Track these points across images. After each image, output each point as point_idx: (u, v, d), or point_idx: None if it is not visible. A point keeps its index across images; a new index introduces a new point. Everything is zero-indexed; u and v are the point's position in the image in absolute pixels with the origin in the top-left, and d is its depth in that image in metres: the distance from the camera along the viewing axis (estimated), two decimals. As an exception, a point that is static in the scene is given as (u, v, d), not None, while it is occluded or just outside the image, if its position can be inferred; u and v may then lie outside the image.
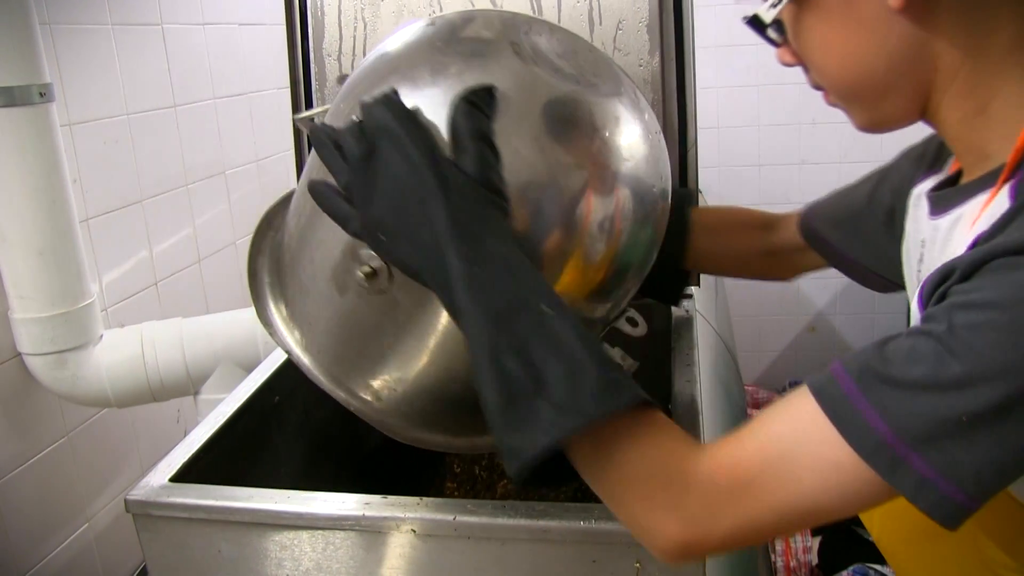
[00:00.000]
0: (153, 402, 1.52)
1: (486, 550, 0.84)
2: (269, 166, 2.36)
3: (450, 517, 0.83)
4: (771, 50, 0.84)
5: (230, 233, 2.17)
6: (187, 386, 1.50)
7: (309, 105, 1.35)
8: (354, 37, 1.31)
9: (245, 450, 1.11)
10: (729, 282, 3.21)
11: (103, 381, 1.46)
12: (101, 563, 1.65)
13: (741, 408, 1.84)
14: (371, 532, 0.86)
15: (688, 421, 0.98)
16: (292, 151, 1.38)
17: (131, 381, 1.47)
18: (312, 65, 1.34)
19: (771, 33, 0.80)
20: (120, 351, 1.47)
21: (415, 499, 0.87)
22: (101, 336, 1.48)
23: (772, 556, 2.89)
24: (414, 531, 0.85)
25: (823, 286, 3.75)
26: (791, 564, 2.87)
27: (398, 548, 0.86)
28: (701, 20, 3.37)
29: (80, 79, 1.59)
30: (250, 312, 1.58)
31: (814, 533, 2.92)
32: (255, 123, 2.31)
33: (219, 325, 1.52)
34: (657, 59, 1.22)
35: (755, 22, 0.78)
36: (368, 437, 1.47)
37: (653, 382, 1.31)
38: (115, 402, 1.49)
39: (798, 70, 0.84)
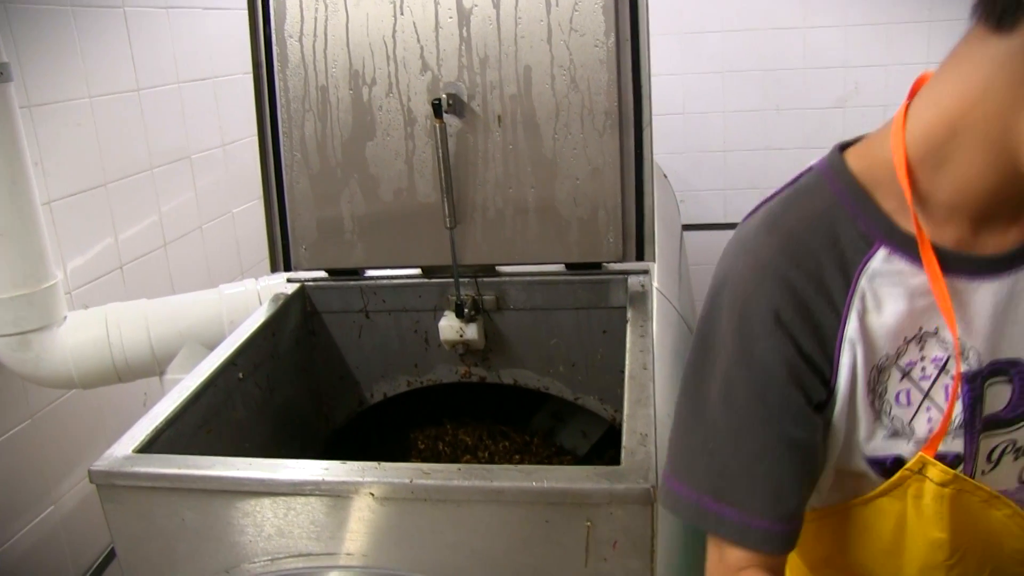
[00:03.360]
0: (119, 383, 1.53)
1: (443, 511, 0.86)
2: (235, 151, 2.36)
3: (407, 480, 0.85)
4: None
5: (196, 218, 2.17)
6: (153, 366, 1.51)
7: (272, 86, 1.36)
8: (315, 19, 1.32)
9: (209, 425, 1.13)
10: (693, 263, 3.25)
11: (67, 362, 1.46)
12: (68, 545, 1.65)
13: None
14: (331, 496, 0.88)
15: (638, 388, 1.00)
16: (256, 136, 1.39)
17: (96, 362, 1.47)
18: (274, 47, 1.35)
19: None
20: (84, 332, 1.48)
21: (373, 464, 0.89)
22: (65, 317, 1.48)
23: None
24: (373, 495, 0.87)
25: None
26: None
27: (358, 512, 0.88)
28: (669, 6, 3.39)
29: (40, 61, 1.58)
30: (215, 292, 1.59)
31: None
32: (221, 108, 2.31)
33: (184, 305, 1.52)
34: (613, 40, 1.24)
35: None
36: (333, 416, 1.49)
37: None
38: (80, 383, 1.49)
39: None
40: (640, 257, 1.31)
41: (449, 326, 1.36)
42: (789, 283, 0.71)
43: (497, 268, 1.38)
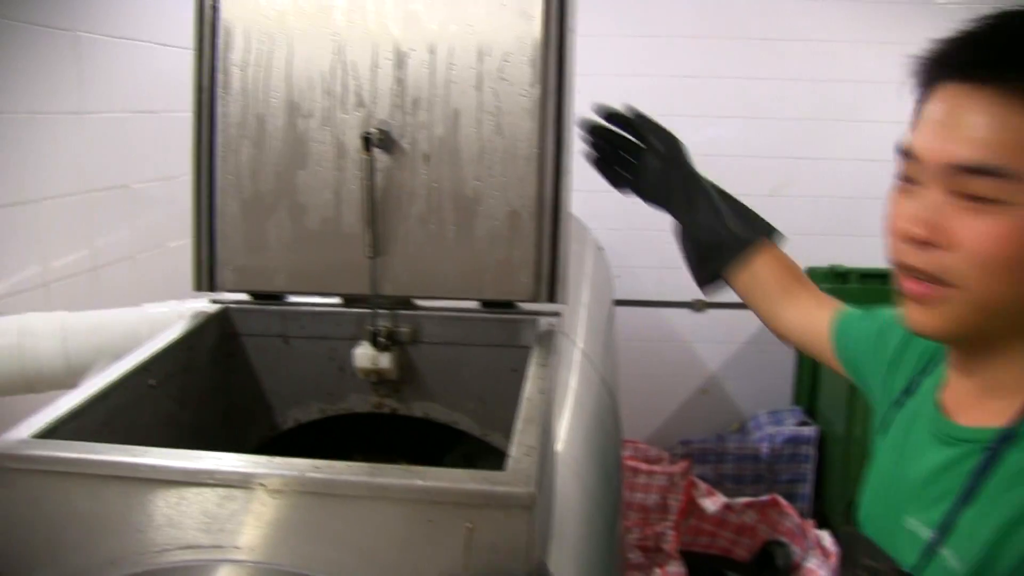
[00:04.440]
0: (30, 393, 1.53)
1: (330, 506, 0.89)
2: (177, 187, 2.40)
3: (296, 473, 0.88)
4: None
5: (129, 246, 2.20)
6: (66, 378, 1.52)
7: (212, 110, 1.41)
8: (260, 51, 1.38)
9: (113, 425, 1.14)
10: (624, 337, 3.31)
11: (-24, 369, 1.46)
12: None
13: (613, 445, 1.91)
14: (223, 487, 0.90)
15: (532, 407, 1.04)
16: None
17: (3, 369, 1.48)
18: (218, 73, 1.40)
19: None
20: (-2, 339, 1.49)
21: (265, 458, 0.91)
22: (-19, 324, 1.49)
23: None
24: (263, 486, 0.89)
25: (716, 351, 3.89)
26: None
27: (248, 504, 0.90)
28: (604, 86, 3.53)
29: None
30: (138, 311, 1.61)
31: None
32: (167, 142, 2.35)
33: (105, 320, 1.54)
34: (539, 91, 1.32)
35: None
36: (244, 439, 1.51)
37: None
38: (-11, 390, 1.50)
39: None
40: (552, 299, 1.36)
41: (364, 354, 1.40)
42: None
43: (415, 302, 1.43)
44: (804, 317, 1.30)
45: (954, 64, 0.82)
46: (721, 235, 1.32)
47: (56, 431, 1.02)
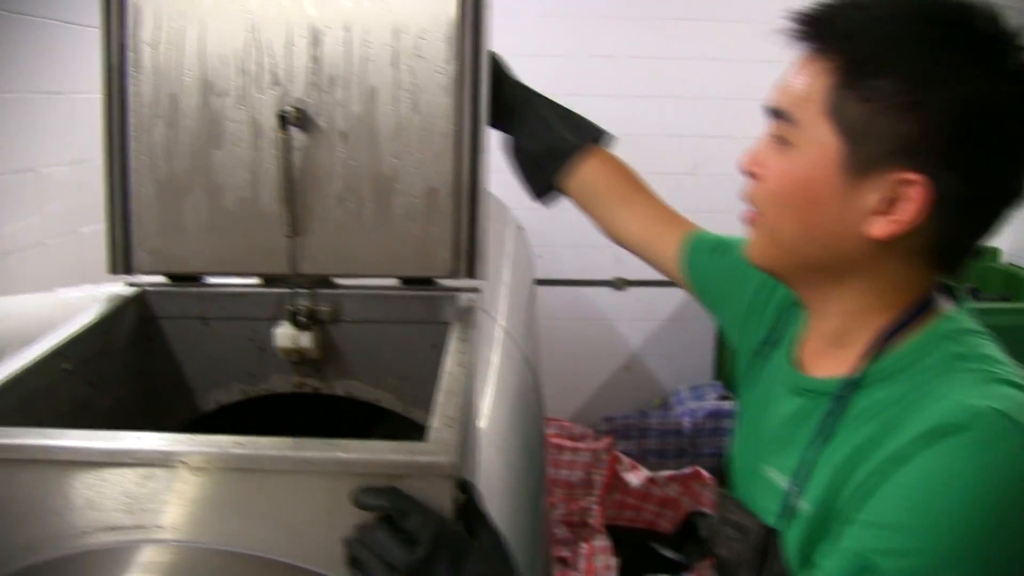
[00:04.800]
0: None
1: (251, 481, 0.89)
2: (88, 171, 2.35)
3: (217, 450, 0.89)
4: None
5: (39, 231, 2.15)
6: (-23, 366, 1.48)
7: (123, 90, 1.39)
8: (171, 28, 1.36)
9: (28, 411, 1.12)
10: (547, 317, 3.34)
11: None
12: None
13: (536, 421, 1.93)
14: (144, 466, 0.90)
15: (452, 380, 1.06)
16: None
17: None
18: (128, 51, 1.38)
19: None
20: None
21: (187, 435, 0.91)
22: None
23: (575, 574, 2.99)
24: (184, 463, 0.89)
25: (637, 329, 3.95)
26: (593, 584, 2.98)
27: (170, 482, 0.90)
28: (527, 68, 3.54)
29: None
30: (51, 296, 1.58)
31: (616, 553, 3.05)
32: (75, 125, 2.30)
33: (16, 305, 1.52)
34: (455, 67, 1.32)
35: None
36: (165, 423, 1.49)
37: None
38: None
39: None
40: (471, 275, 1.38)
41: (284, 334, 1.40)
42: None
43: (334, 281, 1.43)
44: (644, 231, 1.34)
45: (799, 25, 0.91)
46: (550, 143, 1.35)
47: (-36, 417, 1.00)
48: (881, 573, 0.80)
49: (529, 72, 1.39)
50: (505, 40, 1.35)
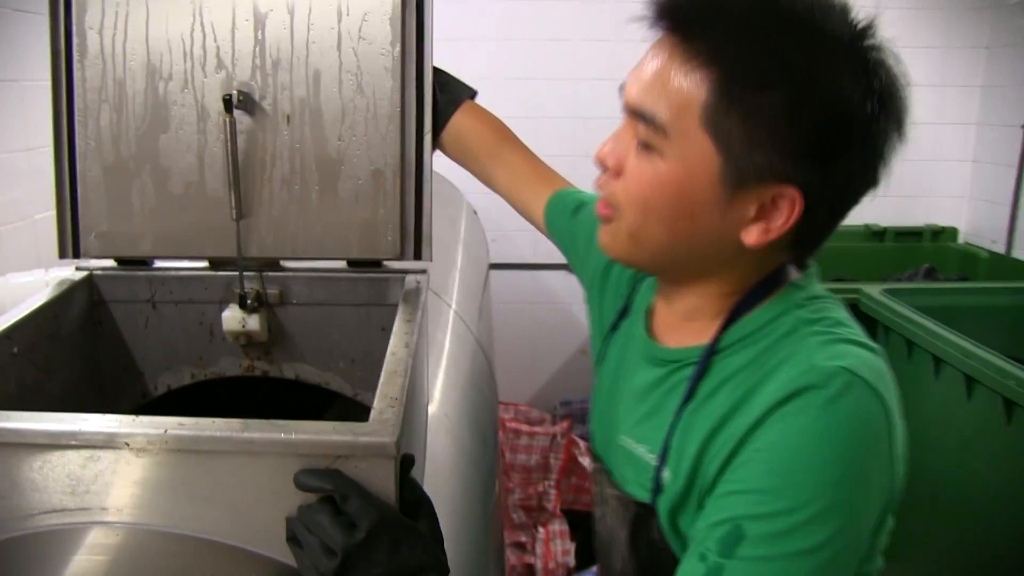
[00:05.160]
0: None
1: (196, 463, 0.90)
2: (40, 158, 2.33)
3: (161, 431, 0.90)
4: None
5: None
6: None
7: (70, 76, 1.38)
8: (116, 13, 1.36)
9: (-27, 395, 1.13)
10: (502, 301, 3.36)
11: None
12: None
13: (489, 405, 1.95)
14: (87, 448, 0.91)
15: (396, 361, 1.07)
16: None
17: None
18: (74, 37, 1.37)
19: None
20: None
21: (130, 417, 0.92)
22: None
23: (532, 559, 3.02)
24: (128, 445, 0.90)
25: (593, 310, 3.96)
26: (550, 566, 3.01)
27: (113, 464, 0.91)
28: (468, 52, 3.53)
29: None
30: (1, 281, 1.57)
31: (572, 538, 3.08)
32: (27, 112, 2.28)
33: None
34: (399, 49, 1.33)
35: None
36: (115, 407, 1.50)
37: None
38: None
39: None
40: (418, 256, 1.39)
41: (232, 317, 1.41)
42: None
43: (282, 263, 1.44)
44: (511, 188, 1.40)
45: (666, 11, 0.89)
46: None
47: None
48: (752, 538, 0.82)
49: (478, 56, 1.41)
50: (455, 26, 1.36)
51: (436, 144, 1.40)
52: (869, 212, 3.67)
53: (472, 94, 1.42)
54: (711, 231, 0.91)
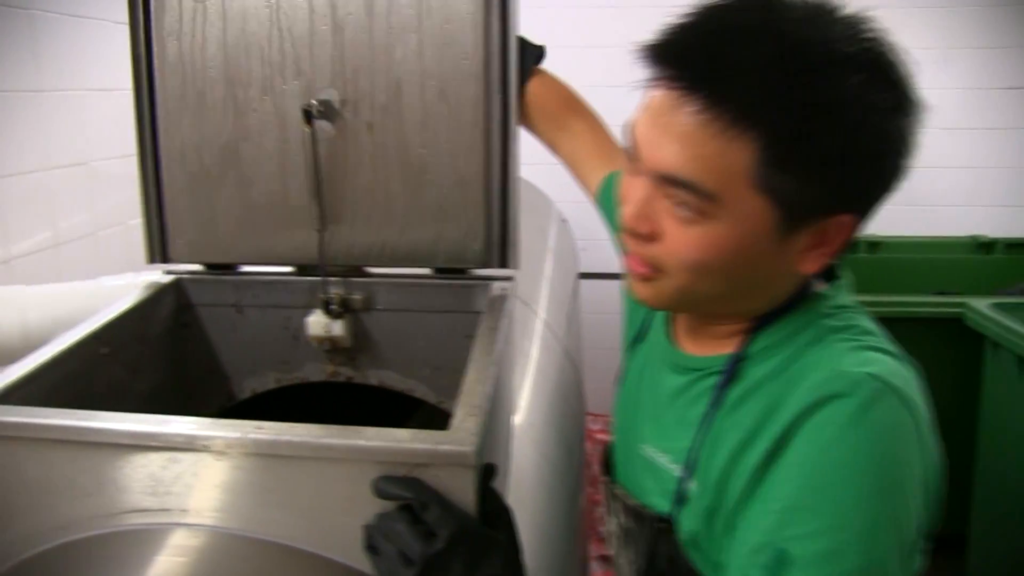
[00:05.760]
0: (-12, 366, 1.53)
1: (274, 467, 0.90)
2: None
3: (239, 435, 0.90)
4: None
5: (91, 224, 2.19)
6: (24, 350, 1.51)
7: (151, 85, 1.41)
8: (193, 19, 1.38)
9: (65, 393, 1.15)
10: (592, 311, 3.33)
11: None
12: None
13: (576, 416, 1.93)
14: (168, 450, 0.91)
15: (479, 369, 1.05)
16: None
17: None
18: (153, 44, 1.40)
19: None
20: (-45, 313, 1.49)
21: (210, 420, 0.93)
22: (-63, 299, 1.49)
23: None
24: (207, 448, 0.90)
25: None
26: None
27: (193, 466, 0.92)
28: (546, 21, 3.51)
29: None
30: (95, 284, 1.61)
31: None
32: (125, 119, 2.33)
33: (62, 294, 1.55)
34: (481, 54, 1.32)
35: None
36: (200, 410, 1.52)
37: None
38: (-53, 364, 1.49)
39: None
40: (504, 264, 1.38)
41: (316, 322, 1.41)
42: None
43: (366, 269, 1.44)
44: (573, 161, 1.41)
45: (671, 61, 0.85)
46: None
47: (5, 398, 1.03)
48: (798, 560, 0.79)
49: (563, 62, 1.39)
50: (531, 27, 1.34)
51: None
52: (976, 222, 3.54)
53: (540, 55, 1.41)
54: (769, 271, 0.90)
